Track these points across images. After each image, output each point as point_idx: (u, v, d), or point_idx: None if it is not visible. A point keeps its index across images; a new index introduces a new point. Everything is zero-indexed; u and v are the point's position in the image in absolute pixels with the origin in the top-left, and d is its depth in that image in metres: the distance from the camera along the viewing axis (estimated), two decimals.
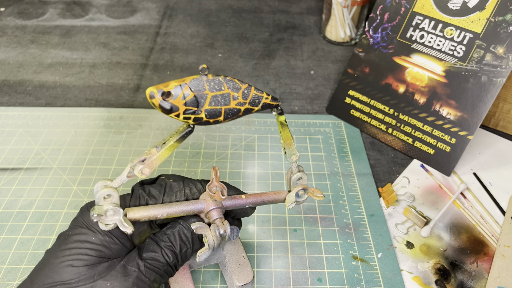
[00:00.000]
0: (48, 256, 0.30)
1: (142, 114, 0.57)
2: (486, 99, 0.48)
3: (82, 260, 0.29)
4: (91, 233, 0.30)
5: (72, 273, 0.29)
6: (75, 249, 0.30)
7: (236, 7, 0.83)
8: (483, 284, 0.40)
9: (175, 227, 0.32)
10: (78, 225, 0.31)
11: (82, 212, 0.32)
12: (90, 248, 0.30)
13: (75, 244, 0.30)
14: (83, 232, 0.30)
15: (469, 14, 0.49)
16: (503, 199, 0.47)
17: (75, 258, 0.29)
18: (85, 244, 0.30)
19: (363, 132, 0.56)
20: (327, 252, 0.42)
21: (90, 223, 0.31)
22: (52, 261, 0.30)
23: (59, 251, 0.30)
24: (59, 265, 0.29)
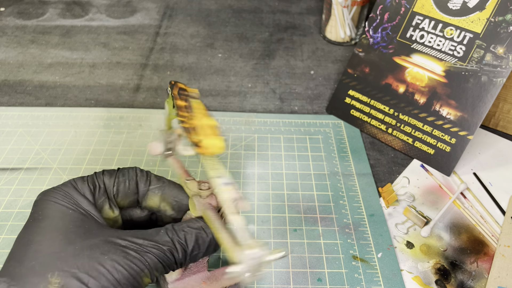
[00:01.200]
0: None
1: (142, 114, 0.57)
2: (486, 99, 0.48)
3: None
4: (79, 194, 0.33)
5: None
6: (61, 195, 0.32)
7: (236, 7, 0.83)
8: (483, 284, 0.40)
9: (195, 227, 0.32)
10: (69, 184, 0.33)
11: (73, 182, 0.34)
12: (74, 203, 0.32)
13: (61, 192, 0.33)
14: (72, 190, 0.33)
15: (469, 14, 0.49)
16: (503, 199, 0.47)
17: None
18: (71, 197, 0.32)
19: (363, 132, 0.56)
20: (327, 252, 0.42)
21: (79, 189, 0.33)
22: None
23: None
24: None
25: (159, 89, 0.62)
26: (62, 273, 0.28)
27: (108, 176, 0.35)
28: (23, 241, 0.30)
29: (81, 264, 0.28)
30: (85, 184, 0.33)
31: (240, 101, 0.60)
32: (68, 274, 0.28)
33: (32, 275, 0.28)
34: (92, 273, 0.28)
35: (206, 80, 0.64)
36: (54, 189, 0.33)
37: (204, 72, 0.66)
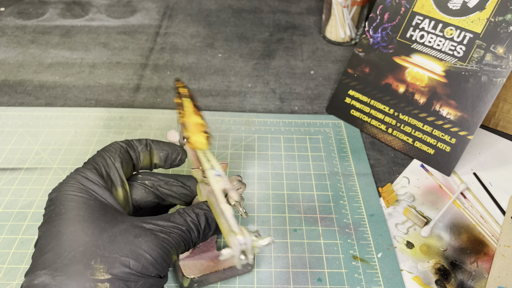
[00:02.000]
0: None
1: (142, 114, 0.57)
2: (486, 99, 0.48)
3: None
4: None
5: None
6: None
7: (236, 7, 0.83)
8: (483, 284, 0.40)
9: (204, 208, 0.35)
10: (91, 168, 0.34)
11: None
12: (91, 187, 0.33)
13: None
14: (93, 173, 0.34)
15: (469, 14, 0.49)
16: (503, 199, 0.47)
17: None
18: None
19: (363, 132, 0.56)
20: (327, 252, 0.42)
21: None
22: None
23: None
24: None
25: (159, 89, 0.62)
26: (105, 259, 0.29)
27: (105, 157, 0.36)
28: (52, 234, 0.30)
29: (120, 249, 0.30)
30: (94, 172, 0.34)
31: (240, 101, 0.60)
32: (110, 260, 0.29)
33: (76, 263, 0.28)
34: (132, 256, 0.29)
35: (206, 80, 0.64)
36: (67, 183, 0.33)
37: (204, 72, 0.66)
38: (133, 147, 0.37)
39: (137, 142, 0.38)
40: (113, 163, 0.36)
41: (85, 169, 0.34)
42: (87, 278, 0.28)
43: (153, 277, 0.30)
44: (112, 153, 0.36)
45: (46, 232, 0.31)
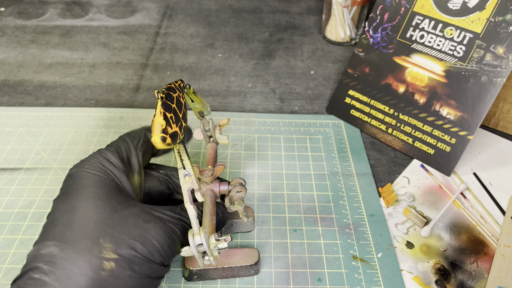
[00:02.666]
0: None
1: (142, 114, 0.57)
2: (486, 99, 0.48)
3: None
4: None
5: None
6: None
7: (236, 7, 0.83)
8: (483, 284, 0.40)
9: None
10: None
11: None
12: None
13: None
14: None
15: (469, 14, 0.49)
16: (503, 199, 0.47)
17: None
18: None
19: (363, 132, 0.56)
20: (327, 252, 0.42)
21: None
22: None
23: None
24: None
25: (159, 89, 0.62)
26: (113, 238, 0.29)
27: (128, 142, 0.36)
28: (66, 207, 0.31)
29: (128, 231, 0.30)
30: (115, 155, 0.35)
31: (240, 101, 0.60)
32: (118, 240, 0.29)
33: (85, 239, 0.29)
34: (140, 239, 0.30)
35: (206, 80, 0.64)
36: (88, 161, 0.34)
37: (204, 72, 0.66)
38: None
39: None
40: (135, 149, 0.36)
41: (108, 151, 0.35)
42: (94, 254, 0.28)
43: (157, 264, 0.31)
44: (136, 140, 0.37)
45: (60, 205, 0.31)
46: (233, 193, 0.37)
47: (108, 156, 0.34)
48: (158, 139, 0.29)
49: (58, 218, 0.30)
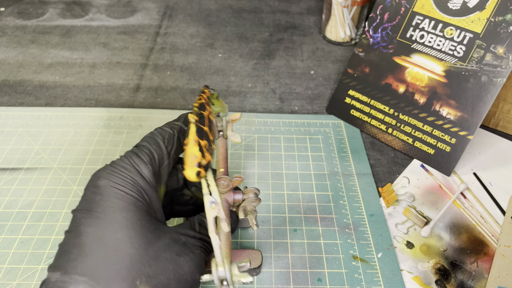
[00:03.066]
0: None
1: (142, 114, 0.57)
2: (486, 99, 0.48)
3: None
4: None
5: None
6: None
7: (236, 7, 0.83)
8: (483, 284, 0.40)
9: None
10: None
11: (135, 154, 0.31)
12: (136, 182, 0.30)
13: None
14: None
15: (469, 14, 0.49)
16: (503, 199, 0.47)
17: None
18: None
19: (363, 132, 0.56)
20: (327, 252, 0.42)
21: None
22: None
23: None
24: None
25: (159, 89, 0.62)
26: (149, 279, 0.27)
27: (162, 148, 0.32)
28: (96, 234, 0.27)
29: (164, 269, 0.28)
30: (149, 168, 0.31)
31: (240, 101, 0.60)
32: (155, 281, 0.27)
33: (120, 280, 0.26)
34: (175, 277, 0.28)
35: (206, 80, 0.64)
36: (119, 173, 0.30)
37: (204, 72, 0.66)
38: (186, 135, 0.34)
39: (186, 127, 0.34)
40: (168, 157, 0.32)
41: (142, 163, 0.31)
42: None
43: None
44: (170, 145, 0.33)
45: (88, 228, 0.28)
46: (246, 202, 0.36)
47: (141, 170, 0.30)
48: (193, 174, 0.27)
49: (88, 246, 0.27)
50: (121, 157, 0.31)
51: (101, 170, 0.30)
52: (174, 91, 0.62)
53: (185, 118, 0.35)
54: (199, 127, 0.29)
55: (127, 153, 0.31)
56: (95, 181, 0.30)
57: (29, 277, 0.39)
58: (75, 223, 0.28)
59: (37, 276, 0.39)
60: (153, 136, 0.33)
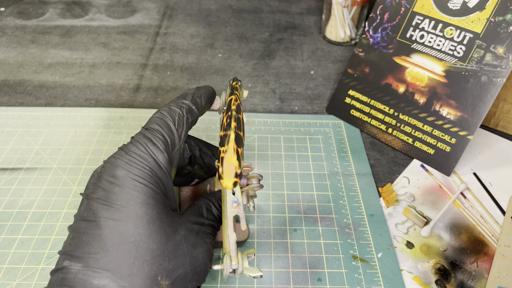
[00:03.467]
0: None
1: (142, 114, 0.57)
2: (486, 99, 0.48)
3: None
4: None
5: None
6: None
7: (236, 7, 0.83)
8: (483, 284, 0.40)
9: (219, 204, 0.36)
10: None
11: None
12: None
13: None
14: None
15: (469, 14, 0.49)
16: (503, 199, 0.47)
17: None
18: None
19: (363, 132, 0.56)
20: (327, 252, 0.42)
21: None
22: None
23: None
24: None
25: (159, 89, 0.62)
26: (169, 274, 0.28)
27: (173, 132, 0.31)
28: (117, 228, 0.27)
29: (182, 262, 0.29)
30: (164, 156, 0.30)
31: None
32: (174, 275, 0.28)
33: (143, 276, 0.26)
34: (191, 269, 0.29)
35: (206, 80, 0.64)
36: (137, 164, 0.29)
37: (204, 72, 0.66)
38: (194, 114, 0.33)
39: (194, 106, 0.34)
40: (179, 140, 0.31)
41: (158, 151, 0.30)
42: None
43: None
44: (180, 128, 0.32)
45: (108, 221, 0.27)
46: (249, 188, 0.35)
47: (158, 159, 0.29)
48: (230, 184, 0.26)
49: (109, 240, 0.26)
50: (134, 143, 0.30)
51: (117, 158, 0.29)
52: (174, 91, 0.62)
53: (192, 95, 0.34)
54: (238, 134, 0.28)
55: (141, 139, 0.30)
56: (113, 171, 0.29)
57: (29, 277, 0.39)
58: (92, 213, 0.28)
59: (37, 276, 0.39)
60: (163, 118, 0.31)
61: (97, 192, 0.28)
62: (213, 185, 0.39)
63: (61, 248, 0.29)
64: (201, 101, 0.34)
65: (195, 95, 0.34)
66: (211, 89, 0.36)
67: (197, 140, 0.38)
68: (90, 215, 0.28)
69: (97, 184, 0.29)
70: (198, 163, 0.38)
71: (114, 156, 0.30)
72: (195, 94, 0.34)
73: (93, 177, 0.30)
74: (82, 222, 0.28)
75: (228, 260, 0.30)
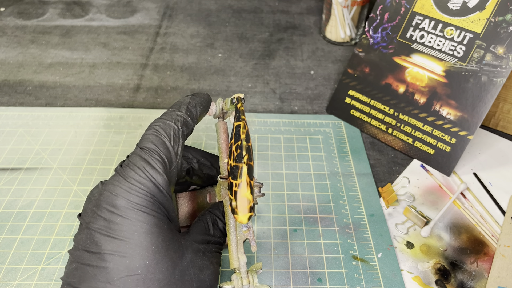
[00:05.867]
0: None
1: (142, 114, 0.57)
2: (486, 99, 0.48)
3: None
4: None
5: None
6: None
7: (236, 7, 0.83)
8: (483, 284, 0.40)
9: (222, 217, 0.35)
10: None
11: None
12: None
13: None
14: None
15: (469, 14, 0.49)
16: (503, 199, 0.47)
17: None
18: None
19: (363, 132, 0.56)
20: (327, 252, 0.42)
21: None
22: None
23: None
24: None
25: (159, 89, 0.62)
26: None
27: (169, 149, 0.30)
28: (124, 262, 0.26)
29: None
30: (164, 178, 0.29)
31: None
32: None
33: None
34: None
35: (206, 80, 0.64)
36: (137, 191, 0.28)
37: (204, 72, 0.66)
38: (189, 126, 0.32)
39: (189, 118, 0.32)
40: (176, 157, 0.30)
41: (157, 174, 0.28)
42: None
43: None
44: (177, 142, 0.30)
45: (114, 254, 0.26)
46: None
47: (158, 183, 0.28)
48: (245, 219, 0.26)
49: (115, 273, 0.26)
50: (132, 167, 0.28)
51: (116, 185, 0.28)
52: (174, 91, 0.62)
53: (187, 106, 0.33)
54: (250, 166, 0.27)
55: (138, 161, 0.29)
56: (112, 200, 0.27)
57: (29, 277, 0.39)
58: (95, 244, 0.27)
59: (37, 276, 0.39)
60: (158, 135, 0.30)
61: (97, 221, 0.27)
62: (213, 195, 0.38)
63: (63, 275, 0.28)
64: (196, 111, 0.33)
65: (190, 105, 0.33)
66: (207, 96, 0.35)
67: (195, 151, 0.37)
68: (93, 247, 0.27)
69: (97, 212, 0.28)
70: (196, 174, 0.37)
71: (112, 183, 0.28)
72: (190, 104, 0.33)
73: (90, 201, 0.29)
74: (85, 253, 0.27)
75: (240, 281, 0.30)
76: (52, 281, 0.39)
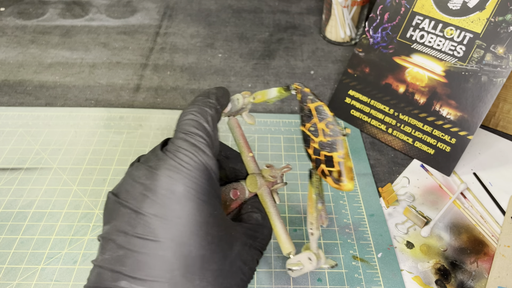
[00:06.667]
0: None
1: (142, 114, 0.57)
2: (486, 99, 0.48)
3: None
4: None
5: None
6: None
7: (236, 7, 0.83)
8: (483, 284, 0.40)
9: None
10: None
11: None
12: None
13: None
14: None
15: (469, 14, 0.49)
16: (503, 199, 0.47)
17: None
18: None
19: (363, 132, 0.56)
20: (327, 252, 0.42)
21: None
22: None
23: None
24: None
25: (159, 89, 0.62)
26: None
27: (210, 135, 0.29)
28: (182, 250, 0.26)
29: (235, 280, 0.28)
30: (215, 163, 0.28)
31: None
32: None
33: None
34: (239, 286, 0.29)
35: (206, 80, 0.64)
36: (196, 179, 0.26)
37: (204, 72, 0.66)
38: (220, 115, 0.31)
39: (220, 106, 0.31)
40: (217, 142, 0.29)
41: (210, 159, 0.27)
42: None
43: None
44: (215, 128, 0.29)
45: (171, 242, 0.25)
46: (277, 187, 0.35)
47: (212, 169, 0.27)
48: (352, 186, 0.28)
49: (173, 262, 0.25)
50: (184, 152, 0.27)
51: (171, 170, 0.26)
52: (174, 91, 0.62)
53: (216, 95, 0.31)
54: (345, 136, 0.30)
55: (189, 146, 0.27)
56: (170, 185, 0.26)
57: (29, 277, 0.39)
58: (151, 231, 0.25)
59: (37, 276, 0.39)
60: (198, 120, 0.28)
61: (152, 207, 0.26)
62: (242, 190, 0.36)
63: (99, 260, 0.26)
64: (223, 101, 0.32)
65: (218, 95, 0.31)
66: (228, 91, 0.34)
67: (228, 148, 0.36)
68: (147, 233, 0.25)
69: (151, 198, 0.26)
70: (222, 167, 0.36)
71: (166, 167, 0.26)
72: (217, 94, 0.32)
73: (136, 184, 0.27)
74: (137, 240, 0.25)
75: (315, 257, 0.30)
76: (52, 281, 0.39)
